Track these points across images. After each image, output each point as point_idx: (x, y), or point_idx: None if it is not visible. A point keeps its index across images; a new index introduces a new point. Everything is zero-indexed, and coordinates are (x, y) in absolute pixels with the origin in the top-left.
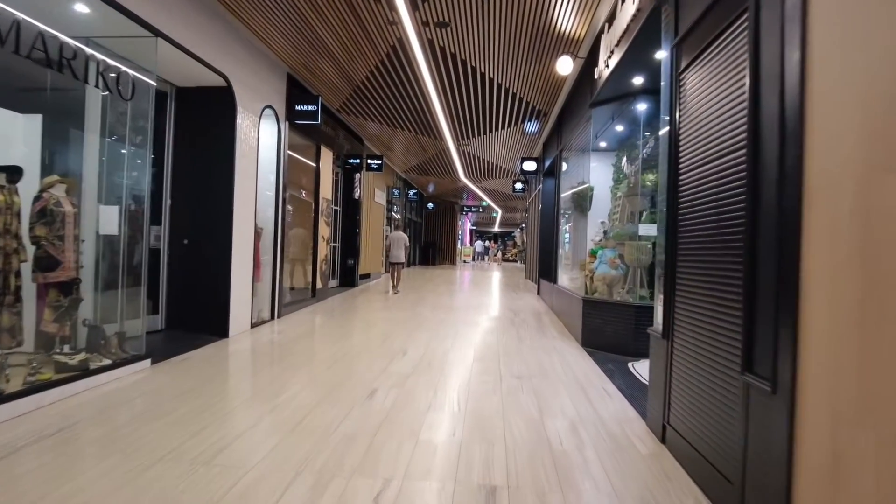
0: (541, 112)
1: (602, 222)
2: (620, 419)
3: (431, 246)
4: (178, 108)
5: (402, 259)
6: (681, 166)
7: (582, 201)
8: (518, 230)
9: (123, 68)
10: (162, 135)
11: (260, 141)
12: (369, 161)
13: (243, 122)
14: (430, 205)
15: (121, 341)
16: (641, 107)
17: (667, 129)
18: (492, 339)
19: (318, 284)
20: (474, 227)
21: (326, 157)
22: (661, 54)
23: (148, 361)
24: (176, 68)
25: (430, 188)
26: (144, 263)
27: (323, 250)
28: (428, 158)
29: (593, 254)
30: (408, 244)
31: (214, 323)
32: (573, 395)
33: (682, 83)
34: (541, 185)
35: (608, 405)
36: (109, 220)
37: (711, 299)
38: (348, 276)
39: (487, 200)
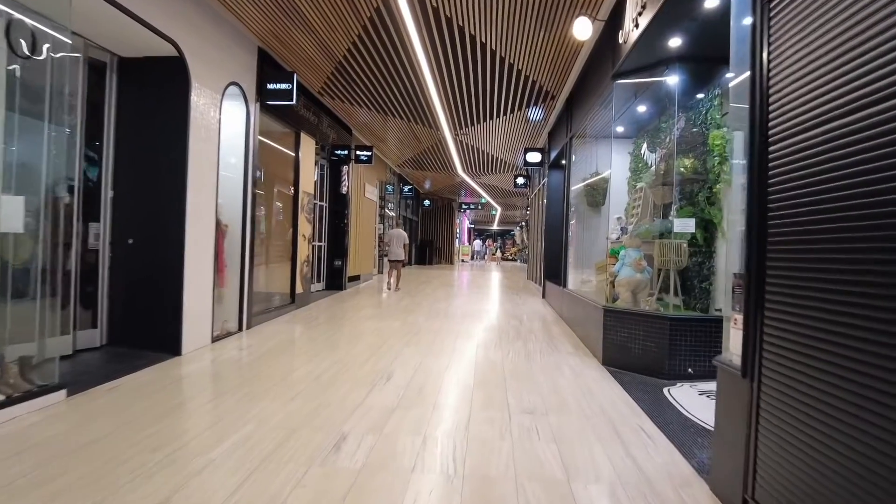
0: (548, 94)
1: (618, 218)
2: (673, 478)
3: (428, 245)
4: (121, 82)
5: (402, 257)
6: (774, 130)
7: (596, 195)
8: (518, 228)
9: (28, 20)
10: (100, 113)
11: (223, 123)
12: (358, 153)
13: (200, 100)
14: (427, 202)
15: (24, 369)
16: (672, 80)
17: (738, 81)
18: (495, 356)
19: (299, 289)
20: (473, 226)
21: (308, 146)
22: None
23: (62, 393)
24: (116, 33)
25: (427, 184)
26: (76, 267)
27: (304, 250)
28: (423, 151)
29: (613, 254)
30: (407, 242)
31: (164, 338)
32: (604, 439)
33: (774, 13)
34: (546, 179)
35: (652, 455)
36: (11, 213)
37: (851, 324)
38: (335, 279)
39: (486, 197)
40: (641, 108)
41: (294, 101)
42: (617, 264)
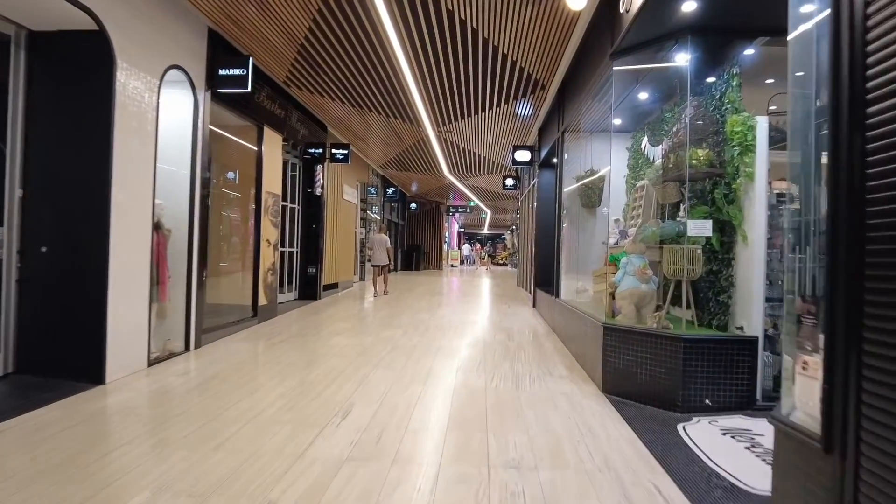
0: (538, 83)
1: (616, 220)
2: None
3: (415, 250)
4: (31, 60)
5: (386, 262)
6: (877, 91)
7: (591, 194)
8: (508, 232)
9: None
10: (2, 97)
11: (162, 113)
12: (334, 151)
13: (130, 83)
14: (414, 205)
15: None
16: (681, 57)
17: (802, 31)
18: (477, 382)
19: (262, 300)
20: (462, 230)
21: (273, 142)
22: None
23: None
24: (23, 0)
25: (414, 187)
26: None
27: (268, 257)
28: (406, 150)
29: (613, 262)
30: (390, 246)
31: (84, 364)
32: None
33: None
34: (536, 179)
35: None
36: None
37: None
38: (309, 287)
39: (475, 200)
40: (643, 96)
41: (249, 89)
42: (618, 273)
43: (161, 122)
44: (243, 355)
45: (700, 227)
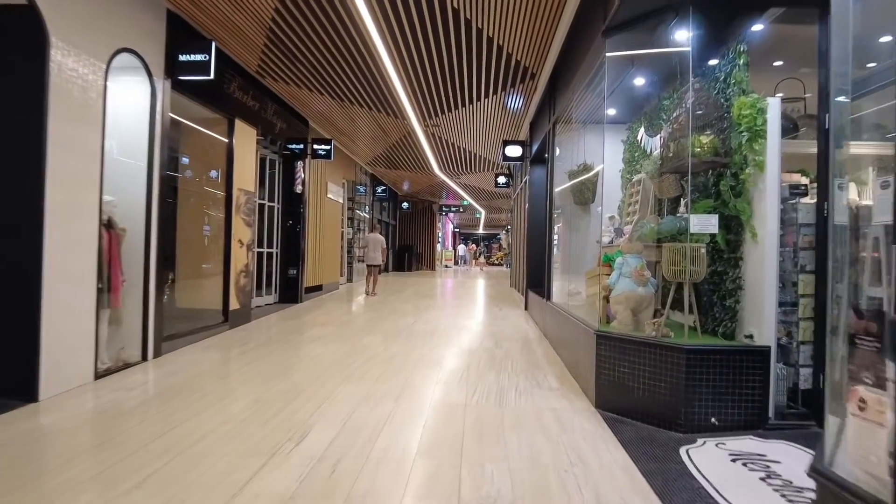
0: (527, 71)
1: (611, 217)
2: None
3: (407, 250)
4: None
5: (380, 262)
6: None
7: (584, 190)
8: (503, 232)
9: None
10: None
11: (115, 100)
12: (316, 146)
13: (68, 66)
14: (405, 204)
15: None
16: (683, 35)
17: None
18: (457, 398)
19: (234, 304)
20: (458, 230)
21: (246, 136)
22: None
23: None
24: None
25: (406, 186)
26: None
27: (241, 258)
28: (393, 147)
29: (608, 262)
30: (385, 246)
31: (14, 379)
32: None
33: None
34: (528, 177)
35: None
36: None
37: None
38: (290, 290)
39: (468, 199)
40: (639, 82)
41: (212, 76)
42: (613, 275)
43: (115, 111)
44: (204, 366)
45: (705, 223)
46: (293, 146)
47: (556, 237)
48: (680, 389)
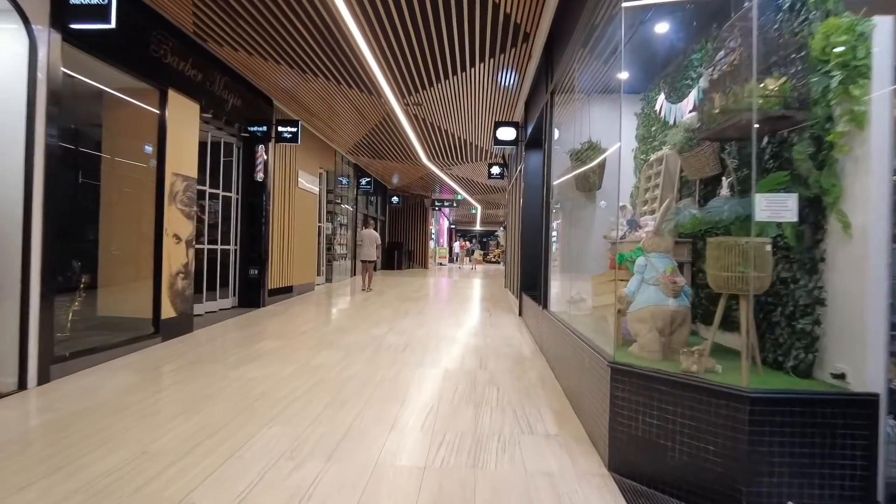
0: (519, 29)
1: (622, 207)
2: None
3: (397, 247)
4: None
5: (374, 258)
6: None
7: (590, 174)
8: (501, 229)
9: None
10: None
11: None
12: (280, 129)
13: None
14: (395, 199)
15: None
16: None
17: None
18: (415, 455)
19: (169, 311)
20: (454, 226)
21: (185, 111)
22: None
23: None
24: None
25: (395, 179)
26: None
27: (178, 256)
28: (374, 132)
29: (623, 263)
30: (379, 243)
31: None
32: None
33: None
34: (523, 165)
35: None
36: None
37: None
38: (251, 293)
39: (462, 193)
40: (660, 28)
41: (112, 24)
42: (631, 282)
43: None
44: (99, 396)
45: (778, 206)
46: (255, 129)
47: (554, 231)
48: (740, 456)
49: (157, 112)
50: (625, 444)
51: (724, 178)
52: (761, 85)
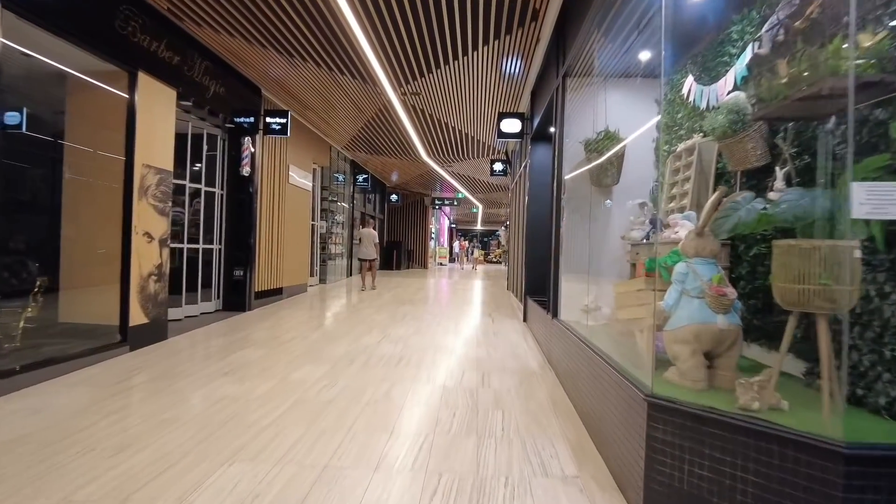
0: (527, 6)
1: (642, 204)
2: None
3: (396, 247)
4: None
5: (374, 256)
6: None
7: (608, 167)
8: (503, 228)
9: None
10: None
11: None
12: (269, 120)
13: None
14: (394, 197)
15: None
16: None
17: None
18: None
19: (140, 318)
20: (455, 226)
21: (158, 96)
22: None
23: None
24: None
25: (394, 177)
26: None
27: (150, 257)
28: (370, 125)
29: (654, 270)
30: (377, 241)
31: None
32: None
33: None
34: (528, 160)
35: None
36: None
37: None
38: (237, 295)
39: (463, 192)
40: (691, 5)
41: None
42: (669, 293)
43: None
44: (37, 422)
45: (883, 198)
46: (242, 120)
47: (565, 231)
48: None
49: (126, 96)
50: (665, 498)
51: (777, 169)
52: (861, 38)
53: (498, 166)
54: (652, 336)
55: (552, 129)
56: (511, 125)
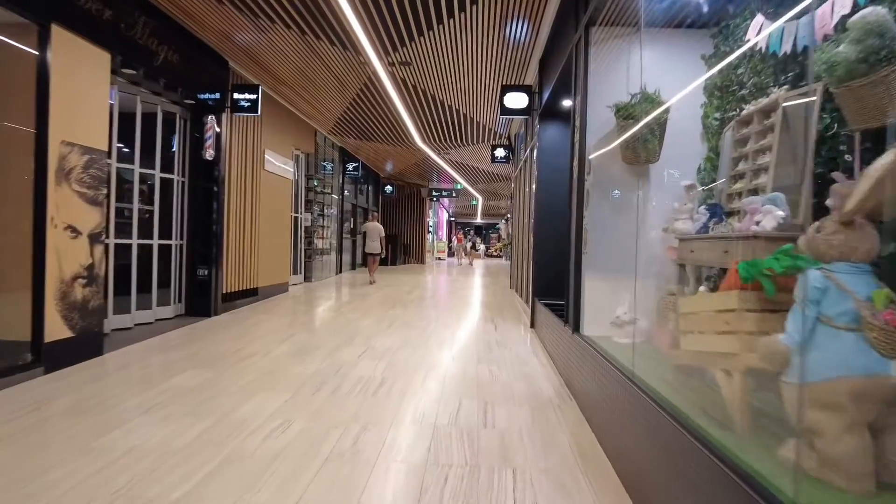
0: None
1: (689, 185)
2: None
3: (392, 241)
4: None
5: (379, 250)
6: None
7: (647, 140)
8: (503, 221)
9: None
10: None
11: None
12: (237, 96)
13: None
14: (389, 188)
15: None
16: None
17: None
18: None
19: (61, 331)
20: (454, 219)
21: (83, 58)
22: None
23: None
24: None
25: (389, 167)
26: None
27: (75, 255)
28: (357, 104)
29: (748, 277)
30: (383, 235)
31: None
32: None
33: None
34: (536, 140)
35: None
36: None
37: None
38: (202, 298)
39: (462, 182)
40: None
41: None
42: (792, 321)
43: None
44: None
45: None
46: (205, 96)
47: (588, 221)
48: None
49: (36, 53)
50: None
51: None
52: None
53: (500, 152)
54: (738, 384)
55: (568, 102)
56: (516, 100)
